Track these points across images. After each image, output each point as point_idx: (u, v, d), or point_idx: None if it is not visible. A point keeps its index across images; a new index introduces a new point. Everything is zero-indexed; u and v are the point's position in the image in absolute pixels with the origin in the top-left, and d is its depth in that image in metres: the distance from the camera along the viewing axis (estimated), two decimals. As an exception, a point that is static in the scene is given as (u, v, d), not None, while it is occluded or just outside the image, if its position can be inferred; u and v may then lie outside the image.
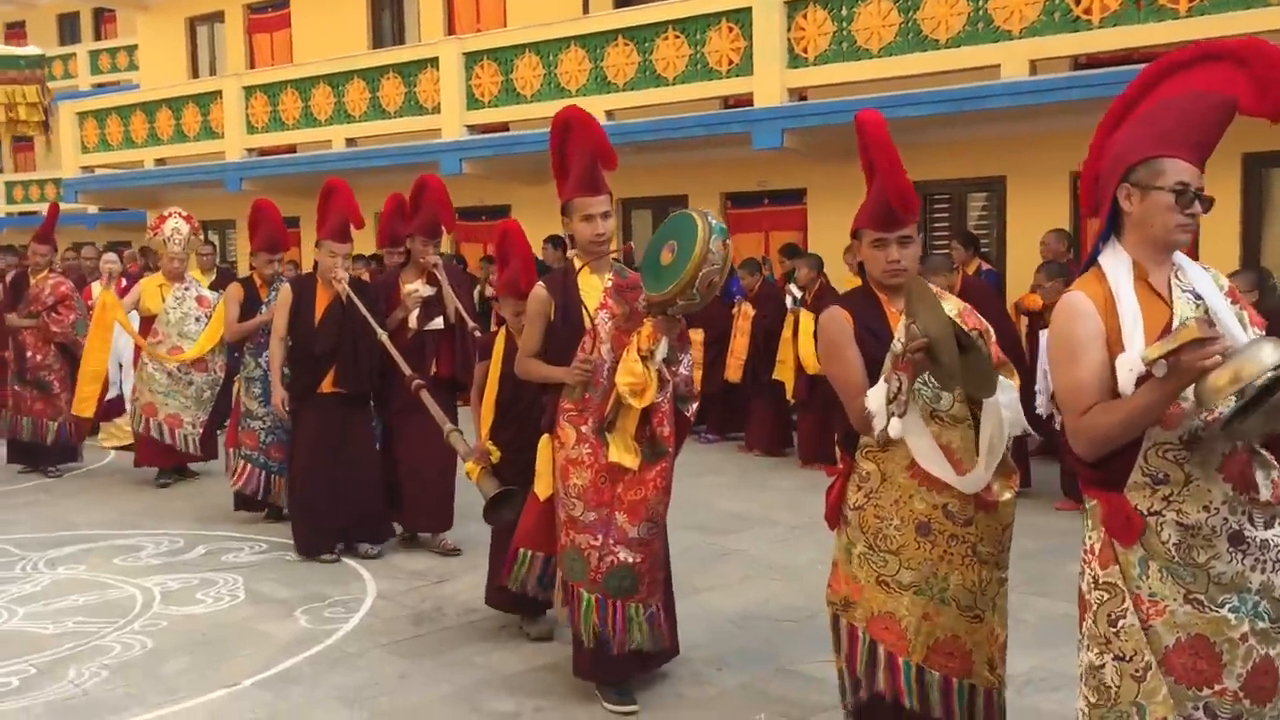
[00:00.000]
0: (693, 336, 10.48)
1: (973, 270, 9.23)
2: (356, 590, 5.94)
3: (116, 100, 19.30)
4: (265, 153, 17.03)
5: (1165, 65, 2.89)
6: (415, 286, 6.53)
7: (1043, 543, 6.69)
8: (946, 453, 3.21)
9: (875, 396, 3.17)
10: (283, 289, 6.73)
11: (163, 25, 20.44)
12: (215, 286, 9.78)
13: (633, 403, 4.09)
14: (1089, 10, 9.82)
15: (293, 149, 16.69)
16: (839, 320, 3.37)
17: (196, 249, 9.29)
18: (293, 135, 16.41)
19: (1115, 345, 2.61)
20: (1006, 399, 3.18)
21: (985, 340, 3.30)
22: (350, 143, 15.64)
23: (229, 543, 7.01)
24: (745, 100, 12.07)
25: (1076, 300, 2.66)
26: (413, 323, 6.57)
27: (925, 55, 10.71)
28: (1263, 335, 2.62)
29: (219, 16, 19.59)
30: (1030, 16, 10.12)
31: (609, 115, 12.93)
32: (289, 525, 7.10)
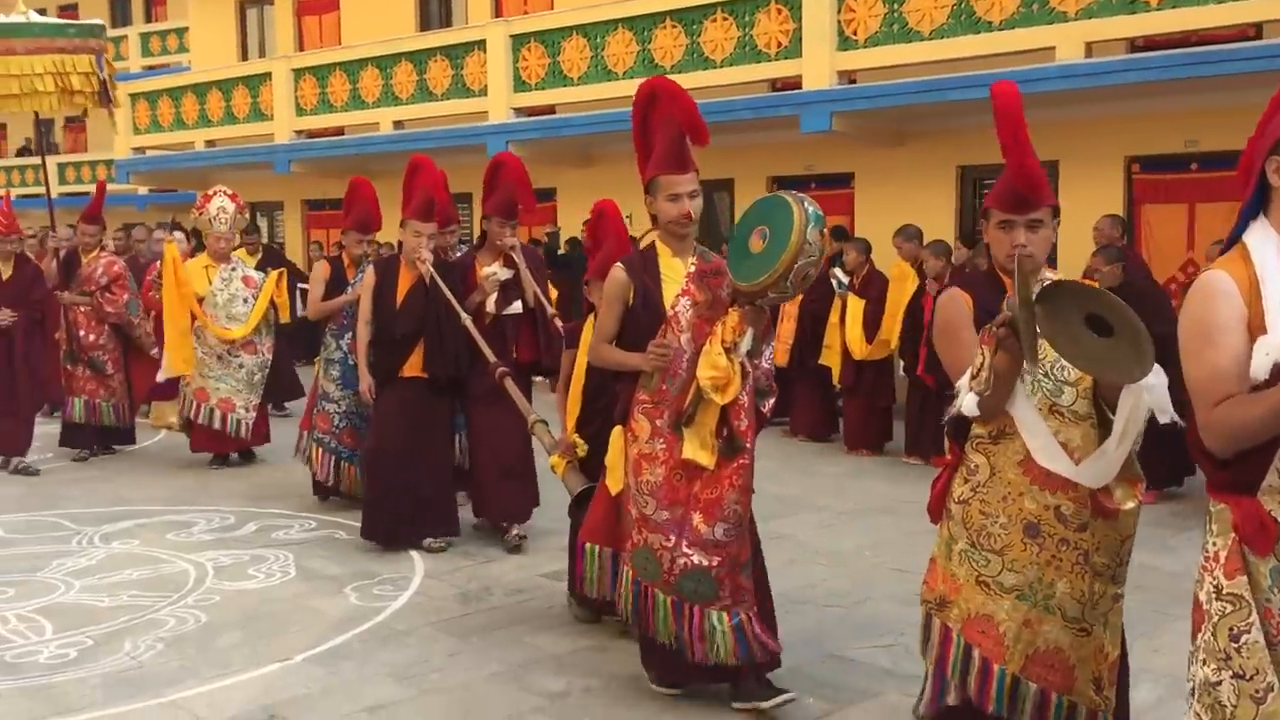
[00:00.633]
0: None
1: (1024, 256, 9.10)
2: (405, 569, 5.99)
3: (168, 82, 19.51)
4: (313, 135, 17.14)
5: None
6: (493, 269, 6.30)
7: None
8: (1065, 451, 2.98)
9: (965, 378, 2.98)
10: (367, 272, 6.56)
11: (213, 8, 20.61)
12: (261, 266, 9.86)
13: (715, 398, 3.86)
14: (1147, -9, 9.65)
15: (340, 131, 16.80)
16: (958, 301, 3.17)
17: (240, 228, 9.15)
18: (341, 117, 16.50)
19: (1257, 330, 2.35)
20: (1155, 380, 2.83)
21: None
22: (398, 125, 15.71)
23: (279, 520, 7.09)
24: (794, 83, 11.97)
25: (1216, 279, 2.39)
26: (490, 307, 6.33)
27: (978, 37, 10.56)
28: None
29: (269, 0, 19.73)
30: (1087, -2, 9.96)
31: (656, 98, 12.90)
32: (342, 505, 7.19)
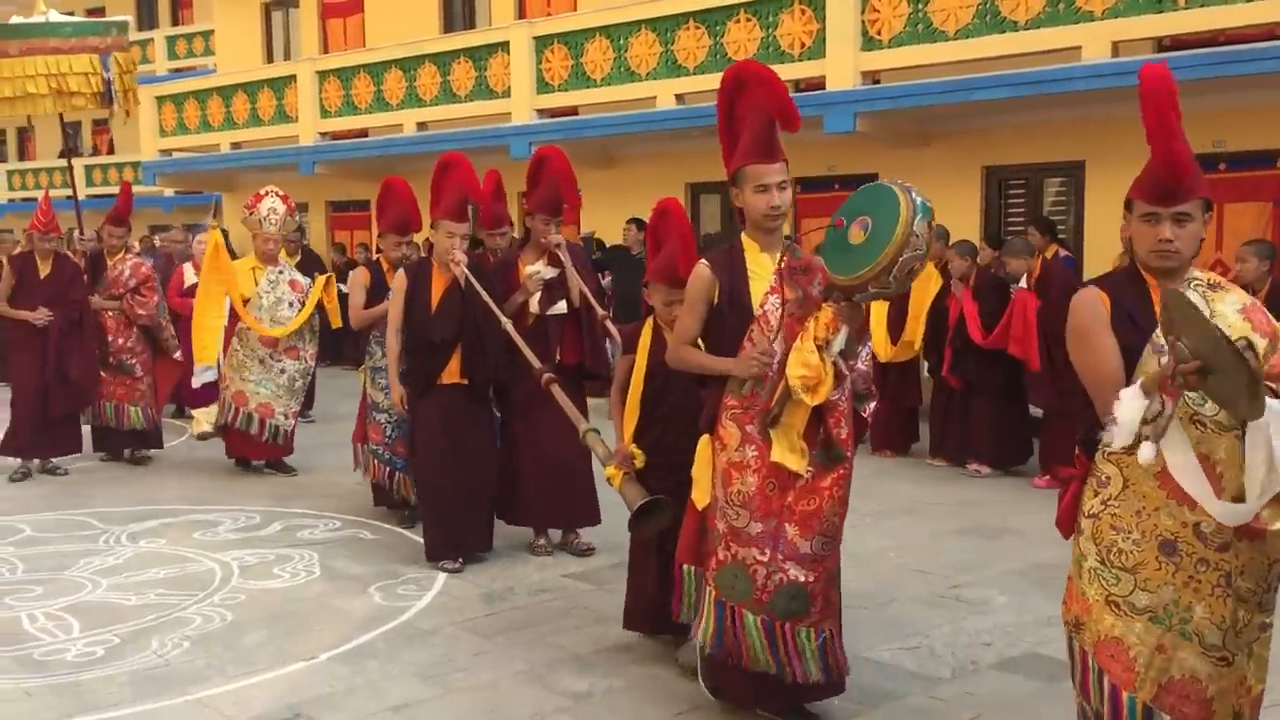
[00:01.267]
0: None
1: (1050, 255, 9.06)
2: (429, 569, 5.99)
3: (193, 85, 19.65)
4: (337, 137, 17.23)
5: None
6: (536, 268, 6.06)
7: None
8: (1206, 465, 2.73)
9: (1128, 407, 2.70)
10: (396, 276, 6.24)
11: (239, 11, 20.74)
12: (301, 268, 9.67)
13: (805, 398, 3.62)
14: (1174, -10, 9.58)
15: (364, 133, 16.88)
16: (1093, 303, 2.94)
17: (288, 230, 8.88)
18: (365, 119, 16.58)
19: None
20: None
21: (1256, 353, 2.75)
22: (421, 126, 15.76)
23: (304, 520, 7.12)
24: (817, 84, 11.95)
25: None
26: (534, 307, 6.09)
27: (1003, 37, 10.51)
28: None
29: (293, 2, 19.82)
30: (1113, -3, 9.89)
31: (679, 99, 12.91)
32: (367, 505, 7.20)
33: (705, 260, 3.94)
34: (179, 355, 9.25)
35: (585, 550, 6.20)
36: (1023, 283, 7.99)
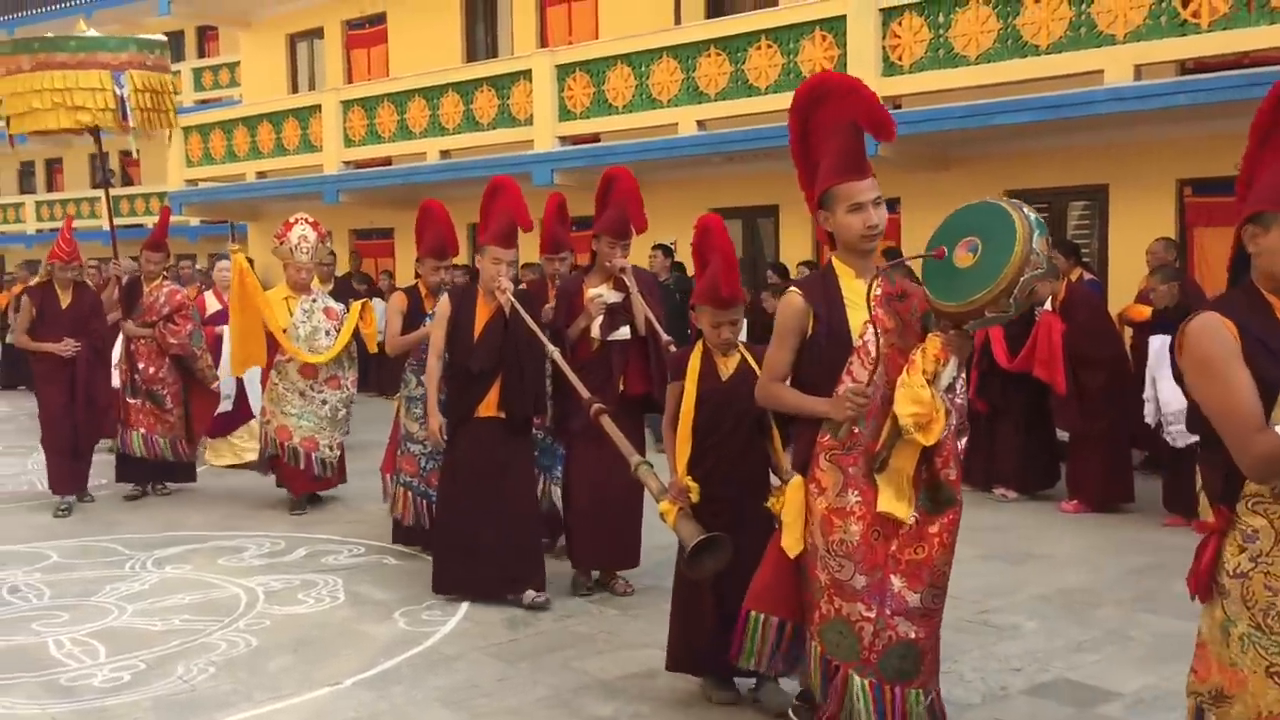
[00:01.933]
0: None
1: (1075, 279, 9.01)
2: (453, 594, 5.98)
3: (220, 115, 19.86)
4: (361, 165, 17.36)
5: None
6: (599, 291, 5.85)
7: (1152, 559, 6.50)
8: None
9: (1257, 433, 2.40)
10: (441, 301, 6.01)
11: (264, 42, 20.99)
12: (334, 294, 9.52)
13: (918, 438, 3.33)
14: (1197, 13, 9.54)
15: (388, 161, 17.01)
16: (1218, 330, 2.57)
17: (321, 258, 8.65)
18: (389, 148, 16.71)
19: None
20: None
21: None
22: (444, 155, 15.87)
23: (328, 545, 7.13)
24: (839, 109, 11.96)
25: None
26: (595, 332, 5.87)
27: (1025, 61, 10.50)
28: None
29: (318, 33, 20.05)
30: (1135, 20, 9.87)
31: (700, 125, 12.96)
32: (390, 531, 7.18)
33: (797, 288, 3.67)
34: (217, 385, 9.01)
35: (625, 592, 5.94)
36: (1048, 305, 7.95)
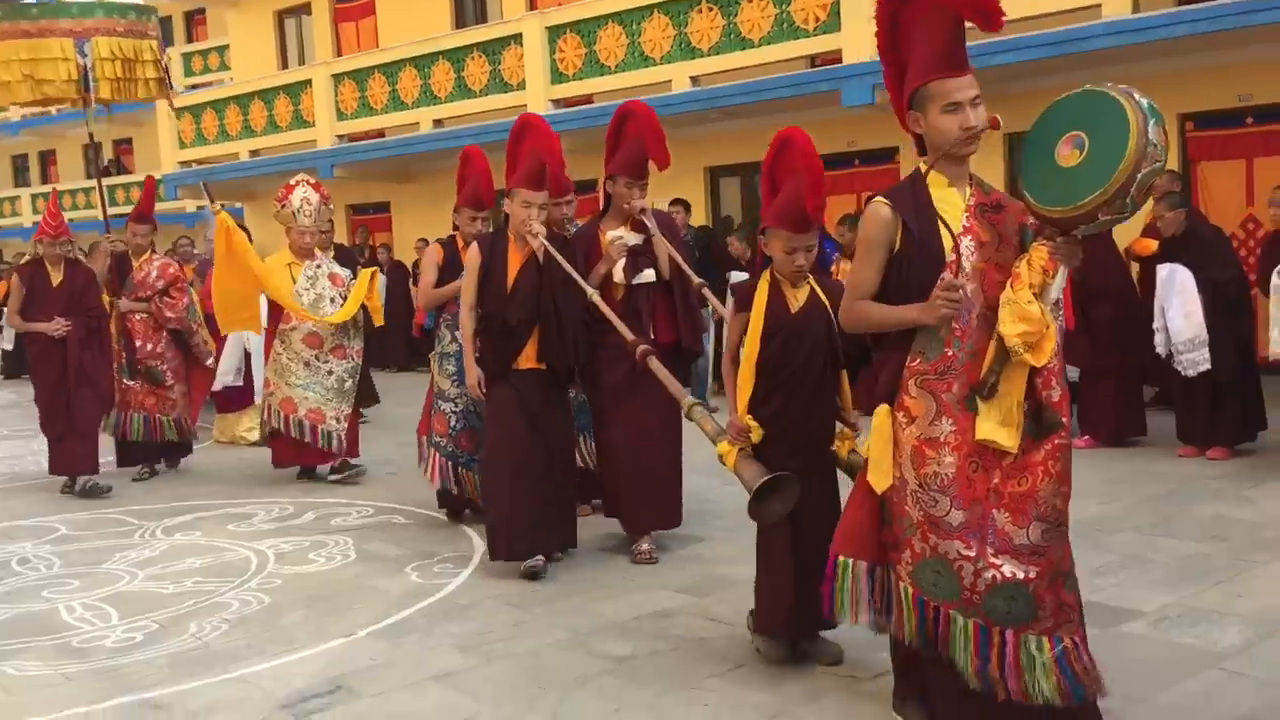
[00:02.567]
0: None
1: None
2: (464, 548, 5.95)
3: (211, 95, 19.74)
4: (354, 139, 17.25)
5: None
6: (619, 233, 5.54)
7: (1167, 487, 6.46)
8: None
9: None
10: (470, 250, 5.63)
11: (252, 21, 20.83)
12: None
13: (1027, 358, 3.04)
14: (1194, -58, 9.42)
15: (381, 134, 16.89)
16: None
17: (324, 221, 8.14)
18: (381, 120, 16.60)
19: None
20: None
21: None
22: (437, 124, 15.76)
23: (337, 508, 7.09)
24: (833, 59, 11.86)
25: None
26: (618, 276, 5.54)
27: (1022, 0, 10.36)
28: None
29: (306, 9, 19.90)
30: (1132, -48, 9.75)
31: (694, 81, 12.83)
32: (399, 493, 7.14)
33: (884, 198, 3.30)
34: (212, 362, 8.84)
35: (649, 559, 5.56)
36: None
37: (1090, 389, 7.86)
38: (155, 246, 8.72)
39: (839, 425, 4.04)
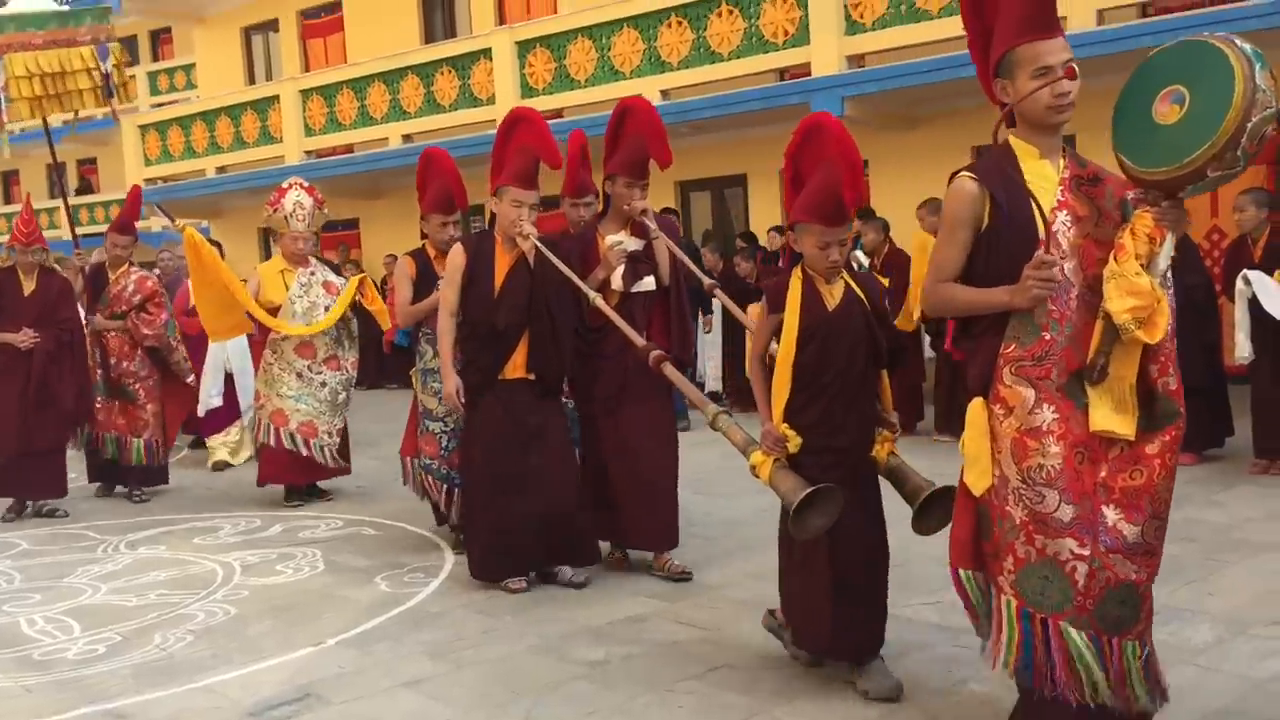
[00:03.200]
0: (754, 311, 10.38)
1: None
2: (435, 558, 5.89)
3: (177, 111, 19.61)
4: (323, 154, 17.17)
5: None
6: (619, 238, 5.26)
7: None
8: None
9: None
10: (452, 252, 5.30)
11: (219, 37, 20.72)
12: None
13: (1140, 336, 2.80)
14: (1157, -45, 9.55)
15: (350, 149, 16.82)
16: None
17: (318, 226, 7.63)
18: (350, 135, 16.54)
19: None
20: None
21: None
22: (406, 139, 15.71)
23: (305, 521, 7.01)
24: (803, 72, 11.93)
25: None
26: (617, 283, 5.24)
27: (987, 13, 10.47)
28: None
29: (273, 25, 19.83)
30: (1096, -35, 9.86)
31: (664, 95, 12.87)
32: (367, 505, 7.06)
33: (969, 172, 3.03)
34: (192, 379, 8.43)
35: (683, 574, 5.25)
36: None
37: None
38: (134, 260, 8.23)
39: (877, 428, 3.82)
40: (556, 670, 4.15)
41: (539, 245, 5.07)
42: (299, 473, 7.44)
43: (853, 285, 3.75)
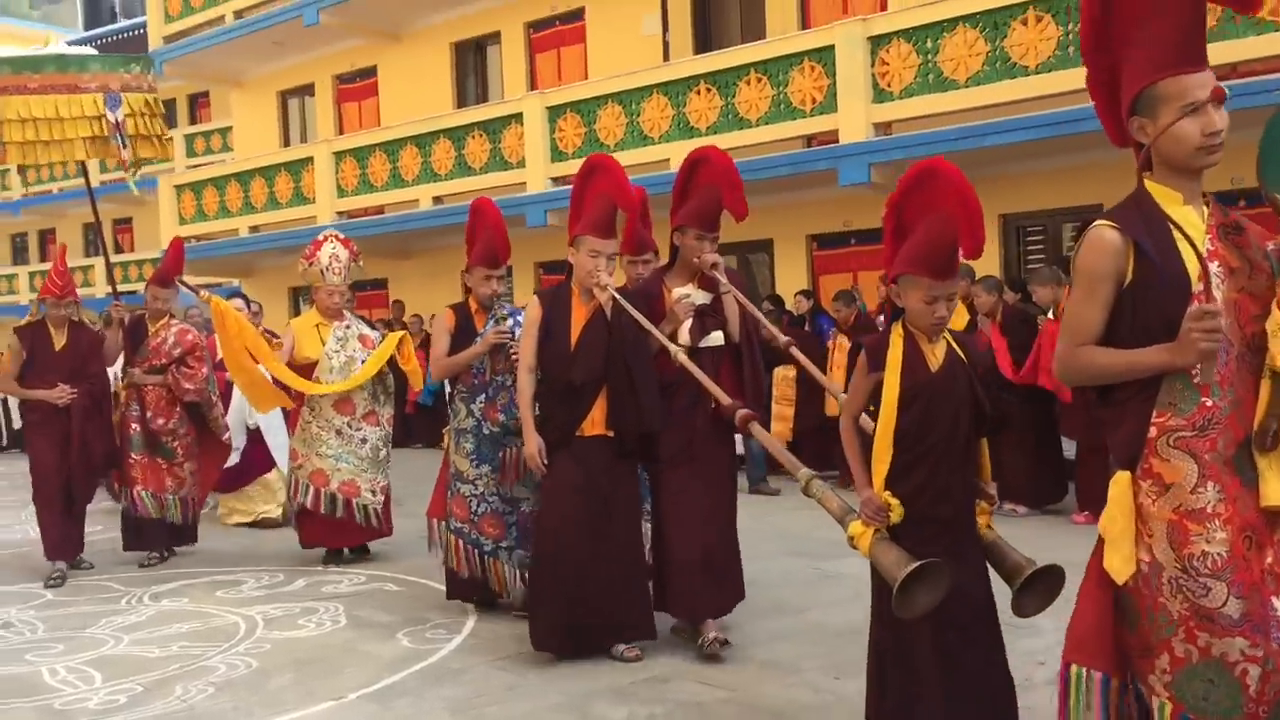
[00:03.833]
0: (784, 373, 10.38)
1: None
2: (458, 614, 5.84)
3: (213, 172, 19.91)
4: (354, 215, 17.38)
5: None
6: (686, 290, 5.06)
7: None
8: None
9: None
10: (529, 305, 5.17)
11: (256, 100, 21.12)
12: None
13: None
14: (1183, 27, 9.60)
15: (380, 210, 17.03)
16: None
17: (353, 279, 7.53)
18: (381, 196, 16.75)
19: None
20: None
21: None
22: (437, 200, 15.90)
23: (328, 576, 6.99)
24: (830, 138, 12.03)
25: None
26: (684, 338, 5.01)
27: (1015, 82, 10.56)
28: None
29: (309, 89, 20.19)
30: (1122, 37, 9.93)
31: (692, 160, 12.98)
32: (390, 561, 7.02)
33: (1109, 220, 2.71)
34: (227, 437, 8.14)
35: (722, 644, 4.97)
36: (1050, 314, 7.89)
37: (1088, 465, 7.81)
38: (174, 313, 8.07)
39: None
40: (579, 729, 4.10)
41: (616, 296, 4.90)
42: (340, 535, 7.28)
43: (954, 345, 3.51)
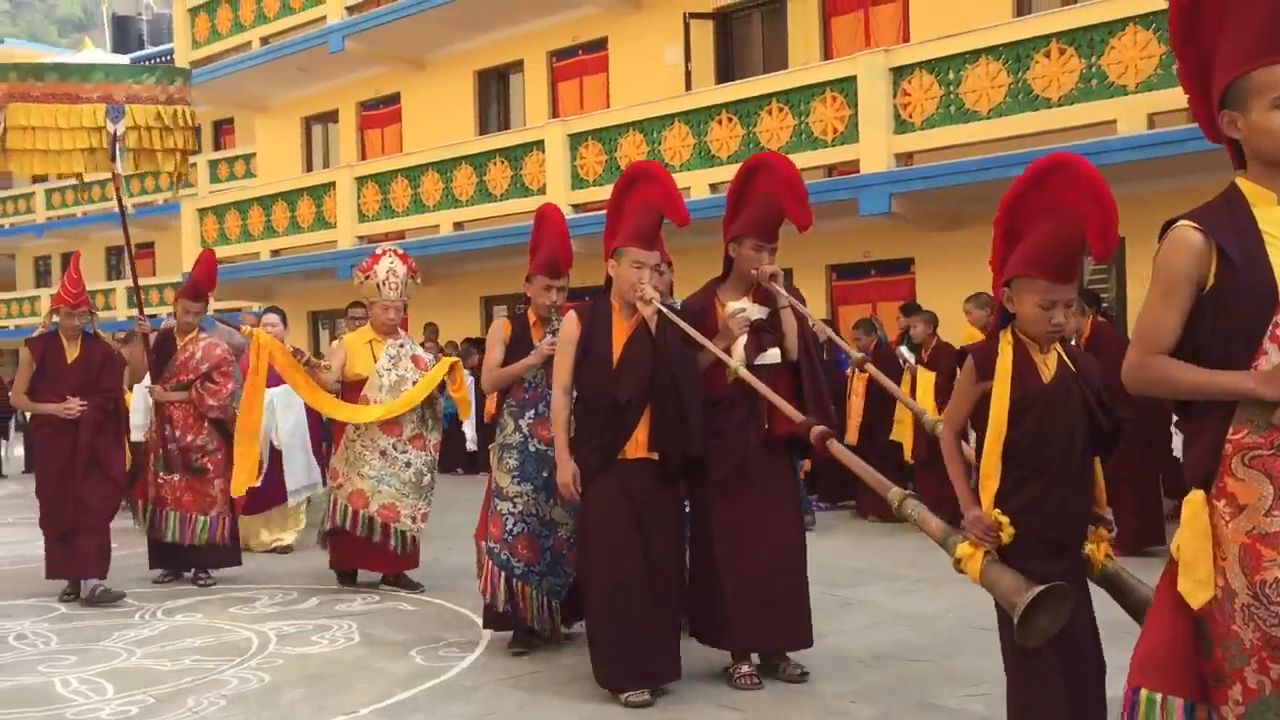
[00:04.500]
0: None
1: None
2: (471, 633, 5.81)
3: (235, 196, 20.06)
4: (375, 240, 17.45)
5: None
6: (741, 304, 4.80)
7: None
8: None
9: None
10: (566, 319, 4.82)
11: (280, 126, 21.30)
12: None
13: None
14: (1208, 61, 9.59)
15: (401, 235, 17.11)
16: None
17: (409, 296, 7.23)
18: (402, 222, 16.82)
19: None
20: None
21: None
22: (458, 226, 15.96)
23: (342, 594, 6.96)
24: (851, 168, 12.03)
25: None
26: (738, 355, 4.70)
27: (1037, 114, 10.56)
28: None
29: (333, 116, 20.36)
30: (1146, 71, 9.93)
31: (713, 189, 13.01)
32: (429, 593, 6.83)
33: (1192, 221, 2.55)
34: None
35: (800, 676, 4.76)
36: (1073, 343, 7.83)
37: (1108, 497, 7.72)
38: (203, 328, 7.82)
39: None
40: (592, 747, 4.06)
41: (663, 310, 4.62)
42: (370, 560, 6.97)
43: (1064, 356, 3.30)
